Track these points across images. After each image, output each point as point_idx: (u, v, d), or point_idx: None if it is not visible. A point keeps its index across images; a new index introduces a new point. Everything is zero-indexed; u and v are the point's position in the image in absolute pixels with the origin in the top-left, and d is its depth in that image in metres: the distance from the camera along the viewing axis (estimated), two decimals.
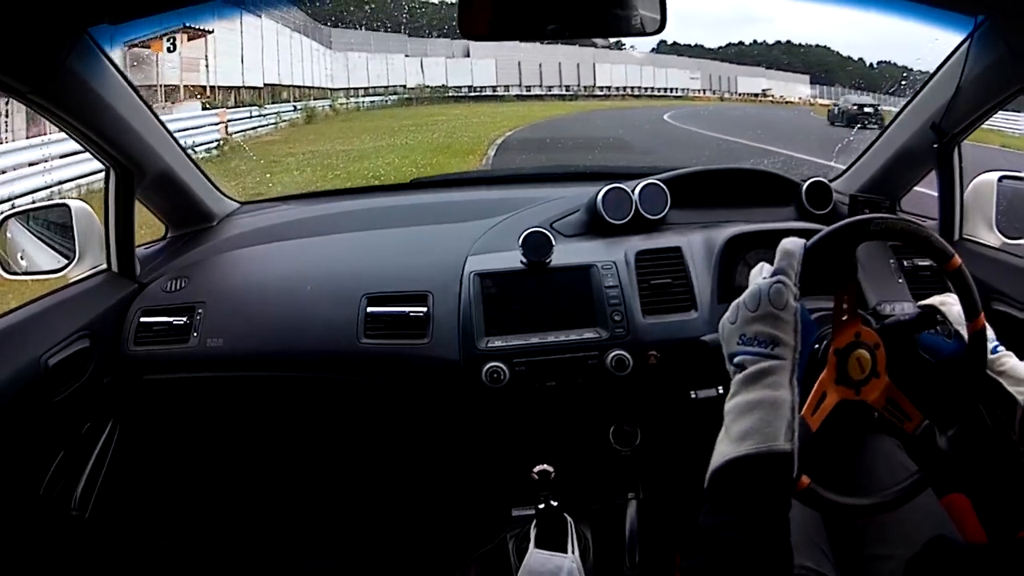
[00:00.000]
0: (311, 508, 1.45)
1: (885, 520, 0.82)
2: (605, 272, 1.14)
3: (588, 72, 13.70)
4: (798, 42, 14.75)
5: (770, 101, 14.71)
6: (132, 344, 1.14)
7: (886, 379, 0.76)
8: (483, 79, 14.37)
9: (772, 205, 1.34)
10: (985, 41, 1.00)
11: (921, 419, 0.77)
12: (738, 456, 0.57)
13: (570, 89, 13.23)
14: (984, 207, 1.19)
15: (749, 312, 0.63)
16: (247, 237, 1.32)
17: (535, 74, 13.57)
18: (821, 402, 0.73)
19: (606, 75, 13.96)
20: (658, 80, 14.08)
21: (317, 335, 1.13)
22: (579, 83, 13.65)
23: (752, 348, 0.62)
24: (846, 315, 0.74)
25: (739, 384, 0.62)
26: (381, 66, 14.09)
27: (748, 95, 15.48)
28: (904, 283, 1.15)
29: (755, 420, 0.58)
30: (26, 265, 1.17)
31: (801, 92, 12.38)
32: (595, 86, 13.57)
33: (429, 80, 14.46)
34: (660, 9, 0.85)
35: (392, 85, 14.29)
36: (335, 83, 13.94)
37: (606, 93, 13.46)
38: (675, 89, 13.32)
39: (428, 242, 1.26)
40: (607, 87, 13.88)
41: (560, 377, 1.09)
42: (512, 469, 1.19)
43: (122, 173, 1.11)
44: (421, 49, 14.49)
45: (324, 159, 8.20)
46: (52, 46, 0.85)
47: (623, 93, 13.51)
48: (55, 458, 1.04)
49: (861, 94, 11.93)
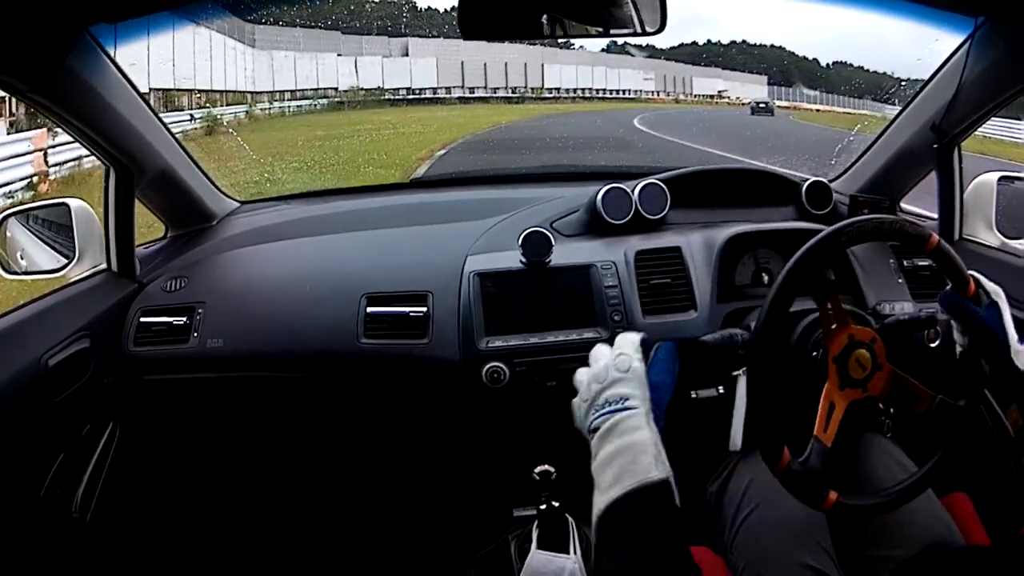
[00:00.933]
0: (311, 509, 1.45)
1: (887, 520, 0.82)
2: (605, 272, 1.14)
3: (536, 73, 12.85)
4: (753, 42, 13.88)
5: (727, 103, 14.10)
6: (132, 344, 1.13)
7: (888, 367, 0.77)
8: (423, 80, 12.92)
9: (772, 205, 1.34)
10: (985, 42, 1.00)
11: (932, 396, 0.78)
12: (615, 498, 0.59)
13: (517, 91, 12.33)
14: (984, 207, 1.19)
15: (597, 385, 0.68)
16: (247, 237, 1.32)
17: (479, 75, 12.52)
18: (831, 414, 0.74)
19: (555, 76, 13.09)
20: (610, 81, 13.15)
21: (317, 335, 1.13)
22: (527, 84, 12.76)
23: (604, 411, 0.66)
24: (834, 322, 0.75)
25: (597, 443, 0.65)
26: (310, 66, 12.36)
27: (704, 96, 14.77)
28: (904, 283, 1.15)
29: (619, 466, 0.61)
30: (26, 265, 1.17)
31: (758, 93, 11.80)
32: (543, 88, 12.77)
33: (364, 82, 12.85)
34: (660, 9, 0.86)
35: (322, 88, 12.53)
36: (257, 86, 11.91)
37: (555, 95, 12.65)
38: (628, 91, 12.59)
39: (428, 242, 1.26)
40: (556, 88, 13.02)
41: (560, 377, 1.09)
42: (513, 469, 1.19)
43: (122, 172, 1.11)
44: (356, 48, 12.93)
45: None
46: (52, 45, 0.85)
47: (574, 95, 12.72)
48: (56, 459, 1.04)
49: (818, 93, 11.56)
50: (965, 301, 0.78)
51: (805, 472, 0.73)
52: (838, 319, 0.75)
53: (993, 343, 0.75)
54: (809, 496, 0.74)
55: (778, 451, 0.72)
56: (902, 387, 0.78)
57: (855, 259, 1.14)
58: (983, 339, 0.77)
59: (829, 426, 0.74)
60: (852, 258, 1.13)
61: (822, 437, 0.73)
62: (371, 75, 12.69)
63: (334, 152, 8.65)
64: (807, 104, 10.60)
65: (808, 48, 13.01)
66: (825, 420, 0.73)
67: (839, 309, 0.76)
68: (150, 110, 1.13)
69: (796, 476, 0.73)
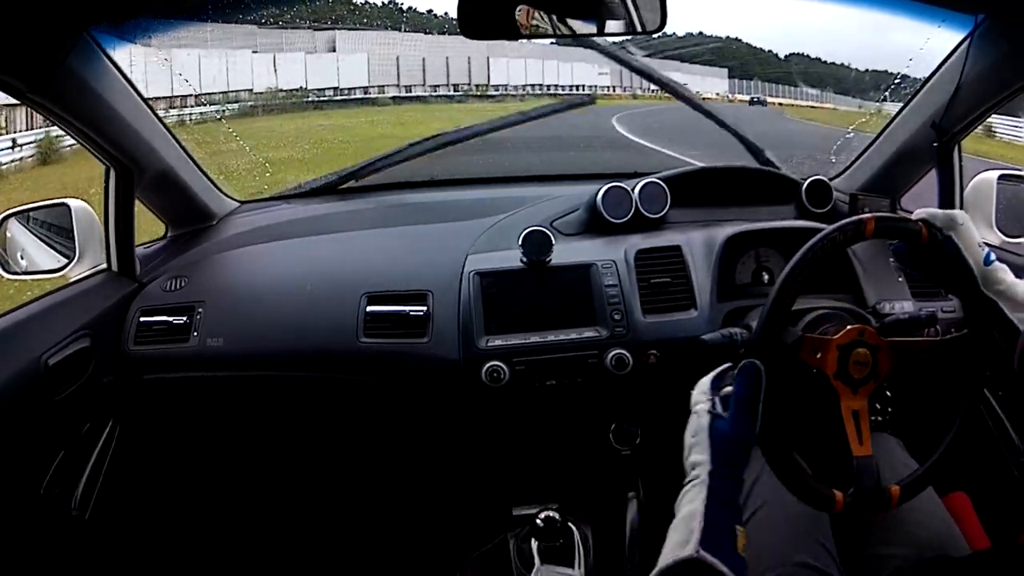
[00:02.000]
0: (311, 507, 1.45)
1: (887, 519, 0.82)
2: (605, 271, 1.14)
3: (481, 67, 11.13)
4: (710, 34, 12.56)
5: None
6: (132, 343, 1.14)
7: (885, 343, 0.76)
8: (353, 79, 11.05)
9: (772, 204, 1.34)
10: (985, 40, 1.00)
11: (935, 340, 0.77)
12: (662, 568, 0.62)
13: (459, 88, 10.68)
14: (984, 206, 1.19)
15: (685, 450, 0.72)
16: (247, 236, 1.32)
17: (417, 71, 10.91)
18: (858, 423, 0.73)
19: (502, 71, 11.34)
20: (563, 76, 11.26)
21: (317, 334, 1.13)
22: (470, 81, 11.06)
23: (685, 481, 0.70)
24: (817, 351, 0.74)
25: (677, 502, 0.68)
26: (219, 66, 10.22)
27: (659, 91, 13.77)
28: (904, 282, 1.15)
29: (668, 540, 0.64)
30: (26, 265, 1.17)
31: (718, 87, 10.46)
32: (489, 84, 10.97)
33: (284, 82, 10.76)
34: (660, 8, 0.85)
35: (233, 90, 10.39)
36: (149, 92, 8.39)
37: (502, 93, 10.91)
38: (582, 86, 10.82)
39: (428, 241, 1.26)
40: (503, 85, 11.20)
41: (560, 376, 1.09)
42: (512, 468, 1.19)
43: (122, 172, 1.11)
44: (275, 43, 10.85)
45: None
46: (52, 45, 0.85)
47: (523, 93, 10.95)
48: (55, 458, 1.04)
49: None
50: (920, 250, 0.75)
51: (862, 498, 0.72)
52: (817, 346, 0.74)
53: (958, 278, 0.72)
54: (875, 512, 0.74)
55: (827, 497, 0.71)
56: (905, 349, 0.76)
57: (855, 258, 1.13)
58: (952, 278, 0.74)
59: (863, 438, 0.72)
60: (852, 257, 1.13)
61: (861, 452, 0.72)
62: (292, 74, 10.68)
63: None
64: (771, 97, 10.24)
65: (765, 40, 12.73)
66: (857, 434, 0.72)
67: (812, 340, 0.74)
68: (150, 110, 1.13)
69: (856, 507, 0.73)
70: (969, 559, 0.80)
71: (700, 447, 0.69)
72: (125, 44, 0.99)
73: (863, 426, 0.73)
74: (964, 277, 0.72)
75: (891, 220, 0.74)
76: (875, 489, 0.72)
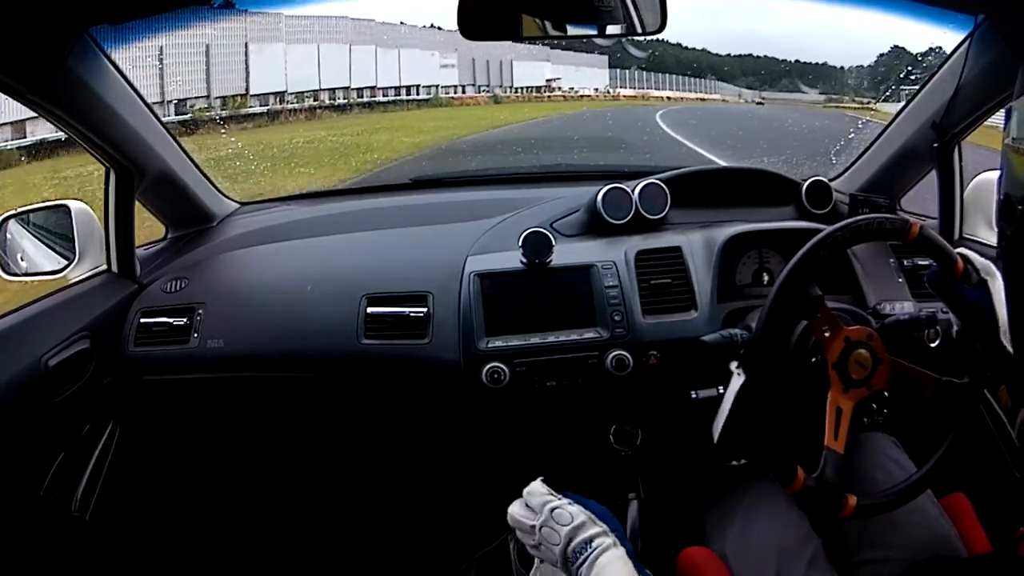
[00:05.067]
0: (311, 508, 1.45)
1: (881, 522, 0.81)
2: (605, 272, 1.14)
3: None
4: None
5: (561, 97, 10.22)
6: (132, 345, 1.14)
7: (889, 359, 0.77)
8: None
9: (772, 205, 1.34)
10: (985, 40, 1.00)
11: (937, 379, 0.77)
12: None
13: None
14: (984, 206, 1.19)
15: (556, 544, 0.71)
16: (247, 237, 1.32)
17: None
18: (839, 421, 0.74)
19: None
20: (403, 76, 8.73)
21: (317, 335, 1.13)
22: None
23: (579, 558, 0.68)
24: (828, 330, 0.75)
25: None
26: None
27: (529, 90, 10.44)
28: (904, 282, 1.15)
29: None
30: (26, 266, 1.17)
31: (597, 81, 8.88)
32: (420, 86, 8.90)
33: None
34: (660, 8, 0.85)
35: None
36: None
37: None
38: (417, 87, 8.43)
39: (428, 242, 1.26)
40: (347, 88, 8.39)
41: (560, 377, 1.09)
42: (513, 469, 1.18)
43: (122, 173, 1.11)
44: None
45: None
46: (52, 46, 0.85)
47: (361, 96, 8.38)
48: (56, 459, 1.04)
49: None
50: (951, 281, 0.76)
51: (821, 487, 0.73)
52: (831, 326, 0.75)
53: (982, 323, 0.74)
54: (828, 509, 0.73)
55: (791, 471, 0.72)
56: (906, 376, 0.77)
57: (855, 259, 1.14)
58: (972, 319, 0.76)
59: (839, 433, 0.73)
60: (852, 258, 1.13)
61: (833, 446, 0.73)
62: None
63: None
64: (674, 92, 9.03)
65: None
66: (834, 428, 0.73)
67: (829, 316, 0.76)
68: (150, 112, 1.13)
69: (812, 493, 0.73)
70: (966, 563, 0.80)
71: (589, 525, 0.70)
72: (125, 44, 1.00)
73: (843, 424, 0.74)
74: (989, 324, 0.74)
75: (934, 237, 0.76)
76: (836, 485, 0.73)
